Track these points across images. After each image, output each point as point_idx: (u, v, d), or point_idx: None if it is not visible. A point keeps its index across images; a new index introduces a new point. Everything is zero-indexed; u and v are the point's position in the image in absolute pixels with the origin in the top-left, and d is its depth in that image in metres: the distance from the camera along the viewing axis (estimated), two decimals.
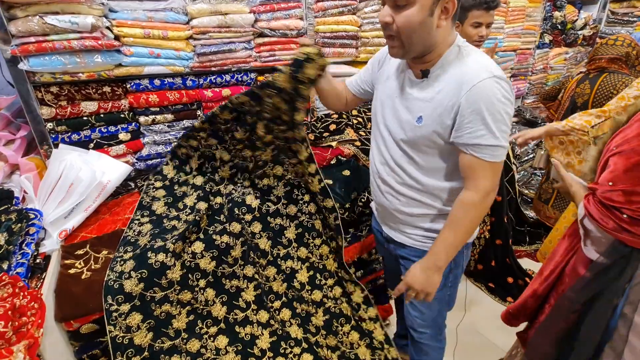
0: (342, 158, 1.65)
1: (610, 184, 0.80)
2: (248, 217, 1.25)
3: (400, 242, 1.08)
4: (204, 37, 1.47)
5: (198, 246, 1.13)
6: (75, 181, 1.21)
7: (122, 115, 1.44)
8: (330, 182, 1.43)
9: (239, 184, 1.34)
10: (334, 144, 1.72)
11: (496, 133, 0.81)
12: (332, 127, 1.82)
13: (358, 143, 1.77)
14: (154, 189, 1.34)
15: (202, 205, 1.24)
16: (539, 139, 1.64)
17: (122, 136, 1.45)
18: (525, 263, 2.17)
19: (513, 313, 1.12)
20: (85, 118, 1.36)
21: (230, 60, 1.56)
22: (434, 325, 1.14)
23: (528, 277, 2.02)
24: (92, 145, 1.39)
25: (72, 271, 1.05)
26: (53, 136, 1.33)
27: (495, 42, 1.89)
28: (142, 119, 1.47)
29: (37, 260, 1.02)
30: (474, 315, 1.90)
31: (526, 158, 2.86)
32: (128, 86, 1.40)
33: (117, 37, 1.30)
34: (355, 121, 1.91)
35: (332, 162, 1.62)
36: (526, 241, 2.45)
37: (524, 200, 2.66)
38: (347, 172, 1.54)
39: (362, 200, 1.48)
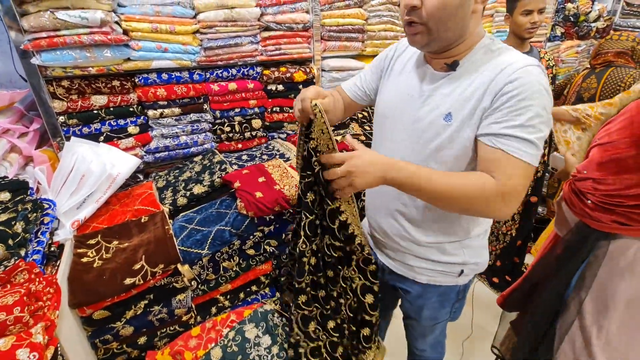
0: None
1: (585, 172, 0.87)
2: None
3: (401, 275, 0.96)
4: (211, 31, 1.48)
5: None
6: (87, 173, 1.25)
7: (131, 109, 1.47)
8: None
9: None
10: (338, 138, 1.73)
11: (535, 127, 0.66)
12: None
13: (363, 138, 1.78)
14: None
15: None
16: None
17: (131, 129, 1.48)
18: (529, 259, 2.17)
19: (506, 297, 1.18)
20: (95, 111, 1.40)
21: (237, 54, 1.57)
22: (435, 343, 1.12)
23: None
24: (102, 138, 1.43)
25: (84, 260, 1.09)
26: (65, 129, 1.37)
27: None
28: (150, 112, 1.50)
29: (52, 249, 1.06)
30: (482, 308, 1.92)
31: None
32: (136, 80, 1.43)
33: (125, 32, 1.33)
34: (360, 115, 1.92)
35: None
36: (531, 237, 2.44)
37: None
38: None
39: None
